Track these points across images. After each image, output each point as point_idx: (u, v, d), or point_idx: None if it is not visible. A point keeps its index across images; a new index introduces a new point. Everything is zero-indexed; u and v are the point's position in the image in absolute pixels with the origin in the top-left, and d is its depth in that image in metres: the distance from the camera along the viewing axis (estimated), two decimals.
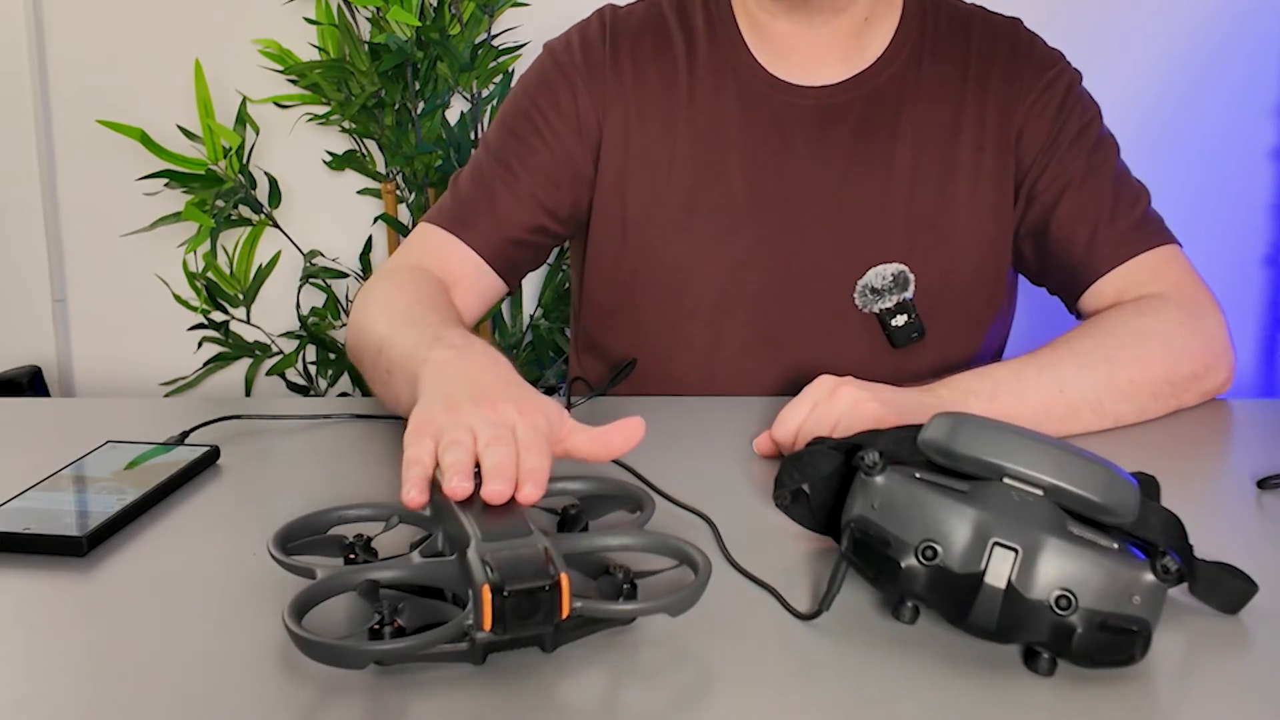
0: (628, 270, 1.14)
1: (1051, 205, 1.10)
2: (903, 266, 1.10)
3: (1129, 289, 1.08)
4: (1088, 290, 1.10)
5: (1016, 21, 1.16)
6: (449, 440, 0.69)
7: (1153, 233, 1.11)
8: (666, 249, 1.12)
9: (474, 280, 1.12)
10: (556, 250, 1.84)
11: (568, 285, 1.94)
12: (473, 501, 0.66)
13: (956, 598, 0.61)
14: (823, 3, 1.09)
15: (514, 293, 1.22)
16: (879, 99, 1.12)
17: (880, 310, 1.10)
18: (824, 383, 0.91)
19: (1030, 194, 1.11)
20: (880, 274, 1.10)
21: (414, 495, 0.67)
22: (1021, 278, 1.20)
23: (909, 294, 1.10)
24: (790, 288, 1.11)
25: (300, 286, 1.99)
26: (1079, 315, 1.12)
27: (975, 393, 0.94)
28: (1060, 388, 0.96)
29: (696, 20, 1.15)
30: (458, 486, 0.66)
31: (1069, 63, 1.15)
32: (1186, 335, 1.03)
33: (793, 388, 0.94)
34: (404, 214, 1.99)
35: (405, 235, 1.95)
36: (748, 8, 1.13)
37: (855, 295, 1.10)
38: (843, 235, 1.11)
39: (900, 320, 1.10)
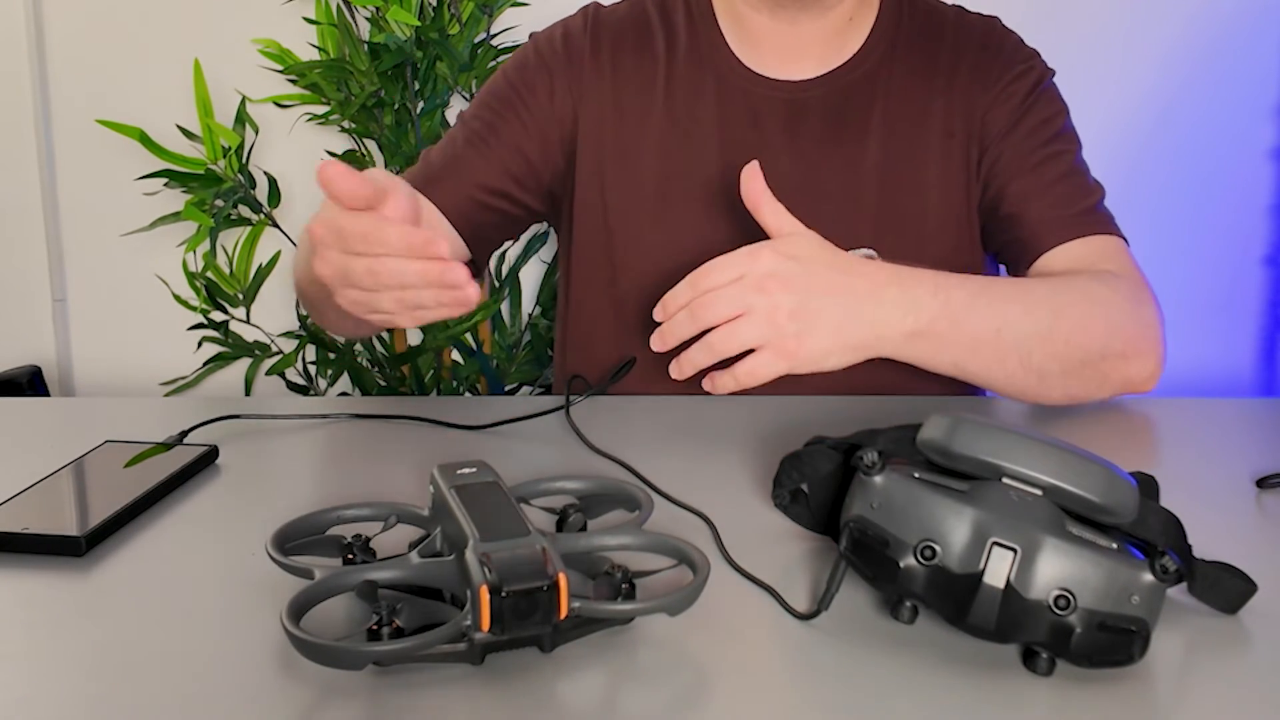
0: (609, 258, 1.17)
1: (1004, 185, 1.12)
2: (871, 251, 1.11)
3: (1078, 265, 1.09)
4: (1034, 265, 1.11)
5: (993, 19, 1.19)
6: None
7: (1103, 221, 1.13)
8: (643, 238, 1.15)
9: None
10: (554, 250, 1.84)
11: None
12: (471, 501, 0.66)
13: (955, 597, 0.61)
14: (811, 5, 1.12)
15: (485, 267, 1.23)
16: (850, 94, 1.15)
17: None
18: (762, 259, 0.91)
19: (987, 176, 1.14)
20: None
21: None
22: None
23: None
24: None
25: None
26: None
27: (915, 309, 0.93)
28: (999, 328, 0.96)
29: (678, 16, 1.20)
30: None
31: (1043, 61, 1.18)
32: (1130, 314, 1.03)
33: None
34: None
35: None
36: (731, 2, 1.15)
37: None
38: (812, 225, 1.11)
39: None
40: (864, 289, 0.93)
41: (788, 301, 0.90)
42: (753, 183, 0.95)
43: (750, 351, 0.92)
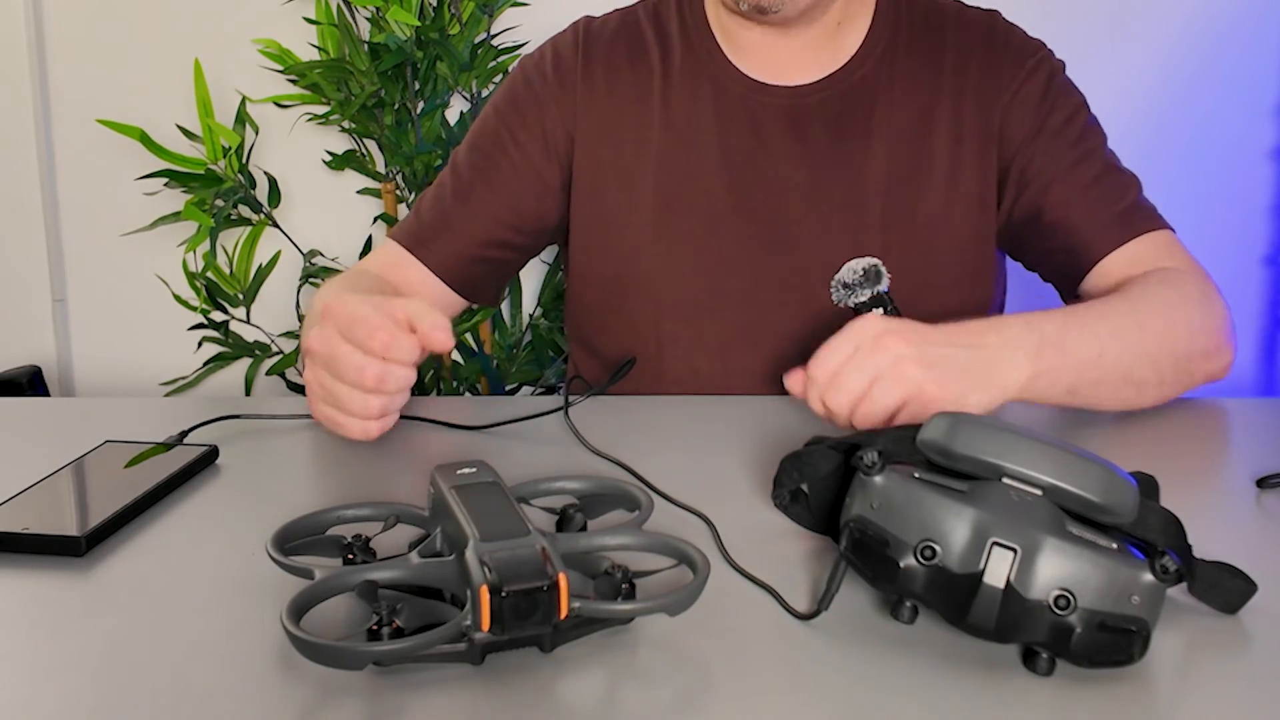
0: (609, 273, 1.16)
1: (1043, 190, 1.10)
2: (875, 260, 1.10)
3: (1137, 266, 1.07)
4: (1092, 271, 1.09)
5: (994, 13, 1.17)
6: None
7: (1150, 216, 1.11)
8: (645, 251, 1.13)
9: (429, 295, 1.15)
10: (555, 250, 1.84)
11: None
12: (471, 501, 0.66)
13: (955, 598, 0.61)
14: (795, 20, 1.10)
15: (497, 304, 1.23)
16: (852, 97, 1.13)
17: (856, 304, 1.11)
18: (869, 325, 0.87)
19: (1020, 181, 1.12)
20: (852, 269, 1.10)
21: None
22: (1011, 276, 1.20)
23: (883, 287, 1.10)
24: (769, 285, 1.12)
25: (300, 286, 2.00)
26: (1080, 299, 1.12)
27: (1023, 346, 0.91)
28: (1100, 350, 0.95)
29: (671, 26, 1.17)
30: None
31: (1050, 51, 1.16)
32: (1204, 312, 1.03)
33: (776, 382, 0.94)
34: (404, 214, 1.99)
35: None
36: (720, 16, 1.14)
37: (831, 291, 1.11)
38: (819, 233, 1.11)
39: (877, 314, 1.09)
40: (964, 342, 0.90)
41: (908, 352, 0.86)
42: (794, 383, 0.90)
43: None
